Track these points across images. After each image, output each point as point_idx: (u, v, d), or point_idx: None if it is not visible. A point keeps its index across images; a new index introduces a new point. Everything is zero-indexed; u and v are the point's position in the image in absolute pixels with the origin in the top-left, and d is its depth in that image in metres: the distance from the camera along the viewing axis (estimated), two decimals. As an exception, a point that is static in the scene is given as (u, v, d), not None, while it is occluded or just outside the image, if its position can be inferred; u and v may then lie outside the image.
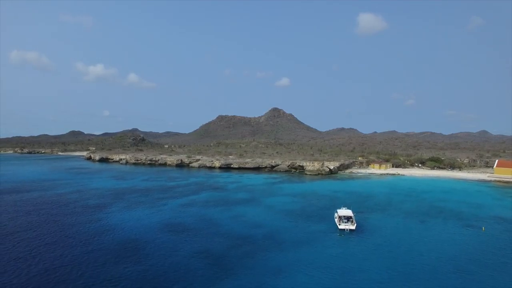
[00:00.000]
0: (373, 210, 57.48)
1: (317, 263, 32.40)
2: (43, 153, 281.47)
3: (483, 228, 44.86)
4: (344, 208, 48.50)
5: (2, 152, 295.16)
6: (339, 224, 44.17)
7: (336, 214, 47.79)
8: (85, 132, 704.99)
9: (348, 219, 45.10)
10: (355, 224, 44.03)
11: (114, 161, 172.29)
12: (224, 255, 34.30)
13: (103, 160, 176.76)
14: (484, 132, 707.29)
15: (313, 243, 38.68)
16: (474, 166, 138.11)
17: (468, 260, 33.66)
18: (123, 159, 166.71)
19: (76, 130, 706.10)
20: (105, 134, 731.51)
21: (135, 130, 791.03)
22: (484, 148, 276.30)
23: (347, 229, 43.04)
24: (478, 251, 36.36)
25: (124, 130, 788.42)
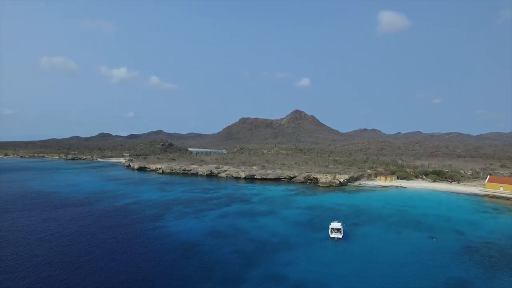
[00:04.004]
0: (364, 222, 75.08)
1: (312, 259, 51.20)
2: (84, 159, 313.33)
3: (434, 239, 61.51)
4: (335, 221, 66.43)
5: (49, 157, 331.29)
6: (331, 234, 62.38)
7: (330, 226, 65.84)
8: (113, 134, 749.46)
9: (338, 230, 63.13)
10: (342, 234, 62.00)
11: (151, 170, 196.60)
12: (252, 253, 53.72)
13: (141, 169, 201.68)
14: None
15: (311, 246, 57.50)
16: (477, 178, 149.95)
17: (412, 259, 51.36)
18: (160, 168, 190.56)
19: (104, 132, 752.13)
20: (132, 135, 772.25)
21: (160, 131, 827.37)
22: (506, 154, 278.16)
23: (336, 238, 61.13)
24: (422, 254, 53.70)
25: (149, 132, 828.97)
